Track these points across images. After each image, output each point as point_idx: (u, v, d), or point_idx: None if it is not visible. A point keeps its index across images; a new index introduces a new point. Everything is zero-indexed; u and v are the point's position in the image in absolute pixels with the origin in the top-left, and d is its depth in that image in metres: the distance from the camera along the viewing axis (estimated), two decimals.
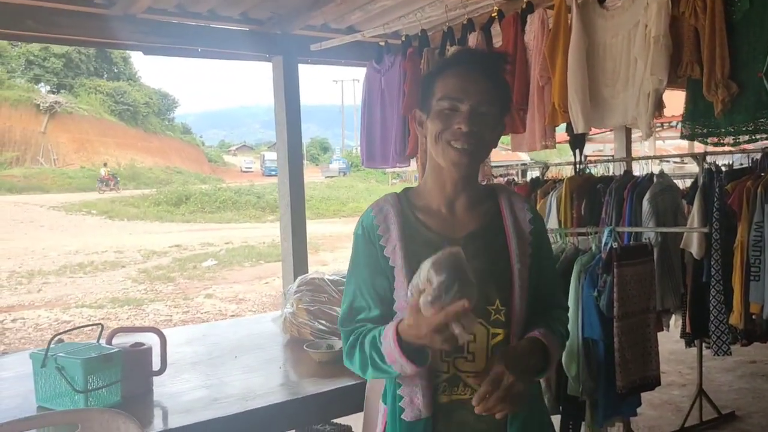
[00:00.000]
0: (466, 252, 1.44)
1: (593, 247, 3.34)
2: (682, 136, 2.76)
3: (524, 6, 3.27)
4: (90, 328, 4.65)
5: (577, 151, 3.92)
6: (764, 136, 2.52)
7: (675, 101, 3.43)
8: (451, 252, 1.23)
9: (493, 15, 3.42)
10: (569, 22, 3.02)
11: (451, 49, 3.57)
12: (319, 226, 18.65)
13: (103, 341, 2.25)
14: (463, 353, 1.45)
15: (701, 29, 2.59)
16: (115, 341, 2.29)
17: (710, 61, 2.56)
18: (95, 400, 2.04)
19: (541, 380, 3.33)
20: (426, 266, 1.23)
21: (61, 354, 2.07)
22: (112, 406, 2.00)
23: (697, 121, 2.68)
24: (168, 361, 2.37)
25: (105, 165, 31.52)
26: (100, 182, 29.16)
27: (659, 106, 2.74)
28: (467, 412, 1.41)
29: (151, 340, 2.35)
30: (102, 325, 2.27)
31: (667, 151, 15.58)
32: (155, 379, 2.29)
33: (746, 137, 2.56)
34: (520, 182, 4.72)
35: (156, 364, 2.28)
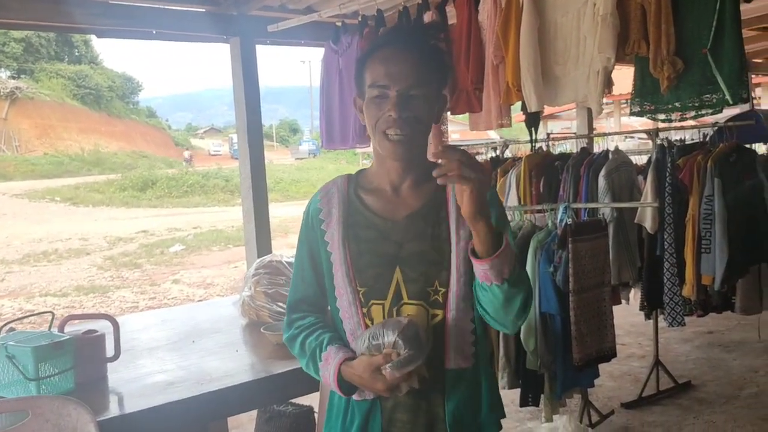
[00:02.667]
0: (406, 234, 1.49)
1: (549, 224, 3.40)
2: (631, 113, 2.81)
3: None
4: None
5: (533, 130, 3.97)
6: (710, 111, 2.57)
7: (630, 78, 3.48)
8: (416, 324, 1.39)
9: None
10: (521, 1, 3.04)
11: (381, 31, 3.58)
12: (290, 209, 18.51)
13: (55, 329, 2.24)
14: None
15: (647, 7, 2.63)
16: (68, 329, 2.28)
17: (656, 38, 2.60)
18: (48, 388, 2.03)
19: (501, 357, 3.41)
20: (391, 331, 1.37)
21: (11, 342, 2.05)
22: (66, 394, 1.99)
23: (645, 98, 2.73)
24: (124, 347, 2.37)
25: (187, 149, 40.08)
26: (186, 162, 35.35)
27: (608, 83, 2.78)
28: (409, 391, 1.44)
29: (105, 327, 2.34)
30: (53, 313, 2.26)
31: (633, 127, 15.79)
32: (111, 365, 2.28)
33: (692, 113, 2.61)
34: (481, 162, 4.74)
35: (110, 351, 2.27)
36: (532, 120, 3.90)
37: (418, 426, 1.47)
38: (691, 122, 3.14)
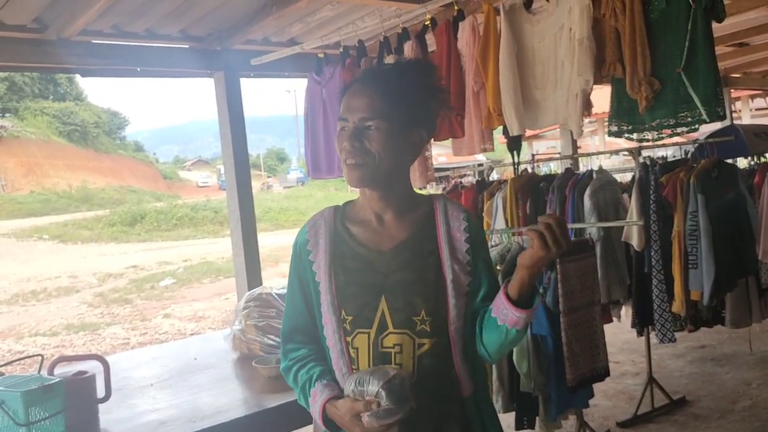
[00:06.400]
0: (392, 264, 1.52)
1: None
2: (610, 134, 2.85)
3: (455, 13, 3.34)
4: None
5: (515, 153, 4.02)
6: (685, 129, 2.62)
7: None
8: (403, 378, 1.39)
9: (426, 23, 3.48)
10: (498, 28, 3.09)
11: (387, 58, 3.63)
12: (280, 238, 18.51)
13: (44, 372, 2.22)
14: (390, 364, 1.49)
15: (622, 29, 2.68)
16: (57, 371, 2.26)
17: (632, 60, 2.65)
18: None
19: (494, 380, 3.40)
20: (377, 380, 1.37)
21: (0, 388, 2.03)
22: None
23: (623, 119, 2.77)
24: (116, 386, 2.36)
25: (269, 176, 43.25)
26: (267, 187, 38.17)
27: (588, 105, 2.83)
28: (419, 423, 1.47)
29: (96, 367, 2.33)
30: (42, 356, 2.24)
31: (618, 144, 15.94)
32: (101, 406, 2.26)
33: (669, 131, 2.66)
34: (466, 185, 4.78)
35: (101, 392, 2.25)
36: (514, 143, 3.94)
37: None
38: (677, 138, 3.18)
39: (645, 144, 3.83)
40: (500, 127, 3.32)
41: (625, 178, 5.35)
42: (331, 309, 1.52)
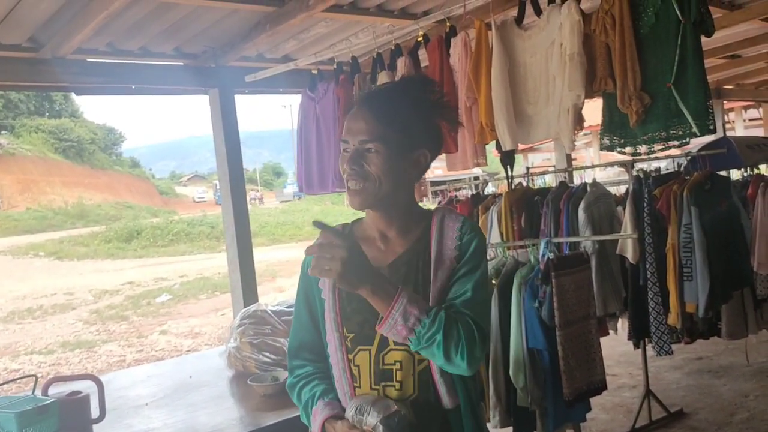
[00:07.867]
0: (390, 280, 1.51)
1: (532, 259, 3.42)
2: (602, 148, 2.87)
3: (447, 30, 3.36)
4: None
5: (508, 167, 4.03)
6: (676, 142, 2.64)
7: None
8: (403, 416, 1.36)
9: (418, 39, 3.51)
10: (490, 43, 3.12)
11: (380, 74, 3.65)
12: (276, 252, 18.54)
13: (38, 392, 2.21)
14: (391, 381, 1.49)
15: (612, 45, 2.70)
16: (52, 390, 2.26)
17: (622, 74, 2.67)
18: None
19: (491, 394, 3.38)
20: (376, 413, 1.35)
21: None
22: None
23: (615, 133, 2.79)
24: (110, 406, 2.36)
25: (257, 189, 45.09)
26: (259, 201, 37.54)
27: (579, 120, 2.84)
28: None
29: (90, 387, 2.32)
30: (36, 376, 2.24)
31: (613, 157, 15.96)
32: (96, 426, 2.25)
33: (660, 145, 2.67)
34: (461, 198, 4.79)
35: (95, 412, 2.24)
36: (507, 158, 3.95)
37: None
38: (671, 151, 3.20)
39: (638, 157, 3.85)
40: (493, 142, 3.35)
41: (619, 190, 5.38)
42: (333, 326, 1.54)
